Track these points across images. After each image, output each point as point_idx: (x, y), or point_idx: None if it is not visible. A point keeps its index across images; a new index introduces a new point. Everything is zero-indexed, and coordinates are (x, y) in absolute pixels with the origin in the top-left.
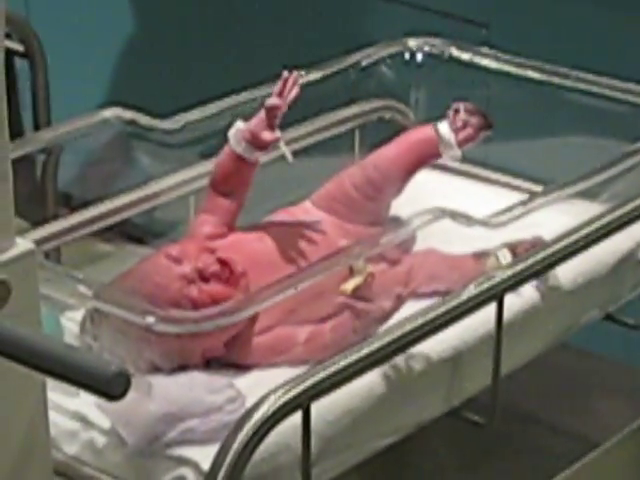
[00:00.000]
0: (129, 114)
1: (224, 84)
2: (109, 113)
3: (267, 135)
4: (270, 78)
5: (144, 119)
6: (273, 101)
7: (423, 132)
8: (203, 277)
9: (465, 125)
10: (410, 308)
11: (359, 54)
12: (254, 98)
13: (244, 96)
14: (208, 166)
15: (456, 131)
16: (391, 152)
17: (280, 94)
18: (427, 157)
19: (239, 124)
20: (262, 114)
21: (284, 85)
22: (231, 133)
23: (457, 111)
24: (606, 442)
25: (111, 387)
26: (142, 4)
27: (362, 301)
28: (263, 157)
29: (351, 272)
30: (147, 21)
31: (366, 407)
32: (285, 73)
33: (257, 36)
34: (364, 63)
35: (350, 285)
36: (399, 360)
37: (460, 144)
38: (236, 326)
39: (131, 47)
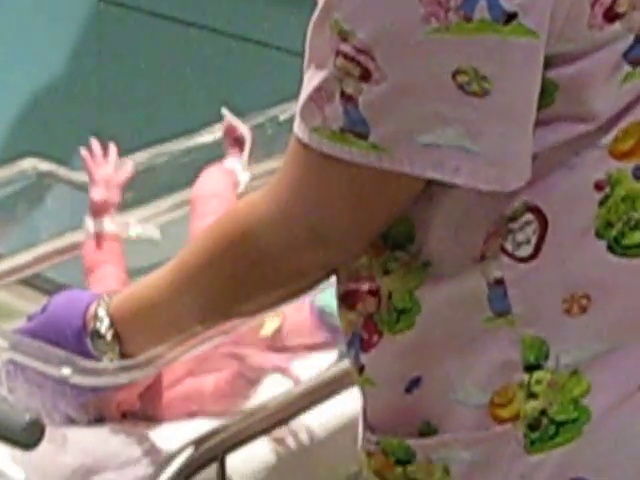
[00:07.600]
0: (46, 165)
1: (139, 137)
2: (26, 164)
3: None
4: (185, 132)
5: (61, 171)
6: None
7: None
8: None
9: None
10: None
11: (277, 109)
12: (169, 152)
13: (159, 149)
14: (122, 218)
15: None
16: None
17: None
18: None
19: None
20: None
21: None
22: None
23: None
24: None
25: (25, 436)
26: (59, 54)
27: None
28: None
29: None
30: (64, 72)
31: (282, 460)
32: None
33: (176, 90)
34: (282, 118)
35: (270, 329)
36: (315, 413)
37: None
38: (147, 378)
39: (46, 98)
